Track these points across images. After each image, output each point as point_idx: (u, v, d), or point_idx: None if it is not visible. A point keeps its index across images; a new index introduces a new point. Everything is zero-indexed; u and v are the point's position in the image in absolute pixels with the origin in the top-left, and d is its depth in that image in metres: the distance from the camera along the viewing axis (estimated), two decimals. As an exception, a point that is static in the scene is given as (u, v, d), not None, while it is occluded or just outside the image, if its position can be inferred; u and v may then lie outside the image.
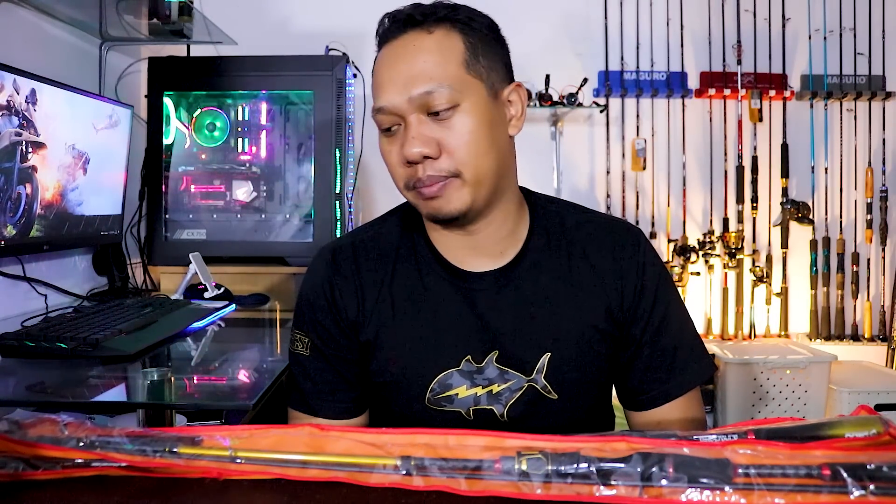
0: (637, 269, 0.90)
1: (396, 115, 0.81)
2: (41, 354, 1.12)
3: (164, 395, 1.01)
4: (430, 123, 0.79)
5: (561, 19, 2.68)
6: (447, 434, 0.55)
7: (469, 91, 0.80)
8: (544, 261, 0.89)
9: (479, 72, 0.81)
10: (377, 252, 0.92)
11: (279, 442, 0.56)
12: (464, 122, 0.79)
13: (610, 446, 0.52)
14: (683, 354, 0.91)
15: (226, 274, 1.86)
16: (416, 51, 0.80)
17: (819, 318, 2.75)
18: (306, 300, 0.93)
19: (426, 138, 0.79)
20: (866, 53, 2.71)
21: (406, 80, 0.79)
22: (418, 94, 0.78)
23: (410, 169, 0.81)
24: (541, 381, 0.87)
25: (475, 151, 0.80)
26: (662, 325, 0.90)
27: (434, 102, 0.78)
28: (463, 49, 0.80)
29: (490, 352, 0.87)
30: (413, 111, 0.79)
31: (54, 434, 0.57)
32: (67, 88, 1.58)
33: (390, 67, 0.81)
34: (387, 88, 0.80)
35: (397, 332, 0.88)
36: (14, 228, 1.42)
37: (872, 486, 0.46)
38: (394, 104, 0.80)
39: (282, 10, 2.58)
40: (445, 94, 0.78)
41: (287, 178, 2.01)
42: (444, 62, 0.79)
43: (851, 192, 2.76)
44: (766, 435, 0.54)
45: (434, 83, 0.78)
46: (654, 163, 2.74)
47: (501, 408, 0.87)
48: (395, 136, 0.82)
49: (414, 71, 0.79)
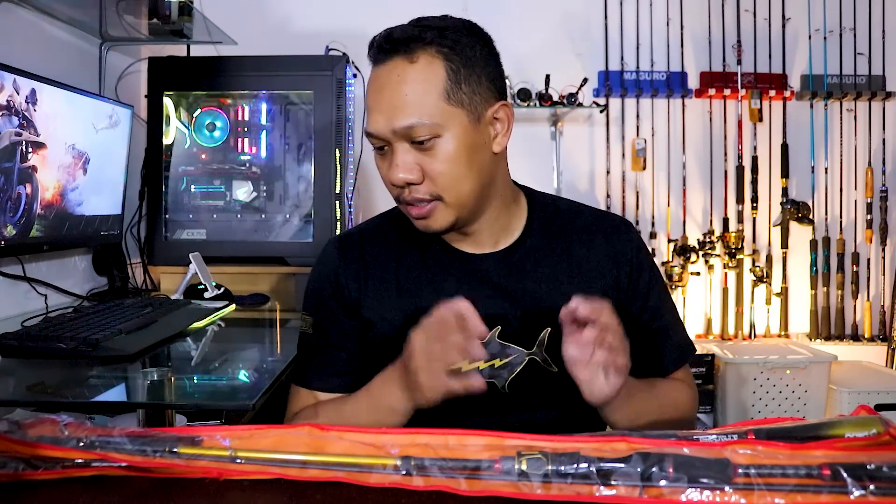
0: (630, 252, 0.97)
1: (383, 140, 0.86)
2: (41, 354, 1.12)
3: (164, 395, 1.01)
4: (412, 151, 0.85)
5: (561, 19, 2.68)
6: (447, 434, 0.55)
7: (450, 121, 0.84)
8: (543, 244, 0.95)
9: (460, 100, 0.84)
10: (383, 240, 0.98)
11: (279, 442, 0.56)
12: (444, 150, 0.84)
13: (610, 446, 0.52)
14: (674, 334, 0.99)
15: (226, 274, 1.86)
16: (399, 81, 0.83)
17: (819, 318, 2.75)
18: (314, 283, 0.99)
19: (409, 165, 0.84)
20: (866, 53, 2.71)
21: (390, 110, 0.83)
22: (401, 127, 0.83)
23: (397, 189, 0.87)
24: (541, 354, 0.92)
25: (455, 177, 0.85)
26: (655, 306, 0.97)
27: (415, 134, 0.83)
28: (444, 78, 0.83)
29: (492, 328, 0.91)
30: (397, 140, 0.84)
31: (54, 434, 0.57)
32: (67, 88, 1.58)
33: (377, 94, 0.85)
34: (373, 115, 0.85)
35: (399, 311, 0.93)
36: (14, 228, 1.42)
37: (872, 486, 0.46)
38: (379, 131, 0.85)
39: (282, 10, 2.58)
40: (426, 128, 0.83)
41: (287, 178, 2.01)
42: (425, 94, 0.83)
43: (851, 192, 2.76)
44: (766, 435, 0.54)
45: (415, 117, 0.82)
46: (654, 163, 2.74)
47: (503, 381, 0.93)
48: (385, 155, 0.88)
49: (396, 102, 0.83)
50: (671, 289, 2.70)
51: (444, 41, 0.84)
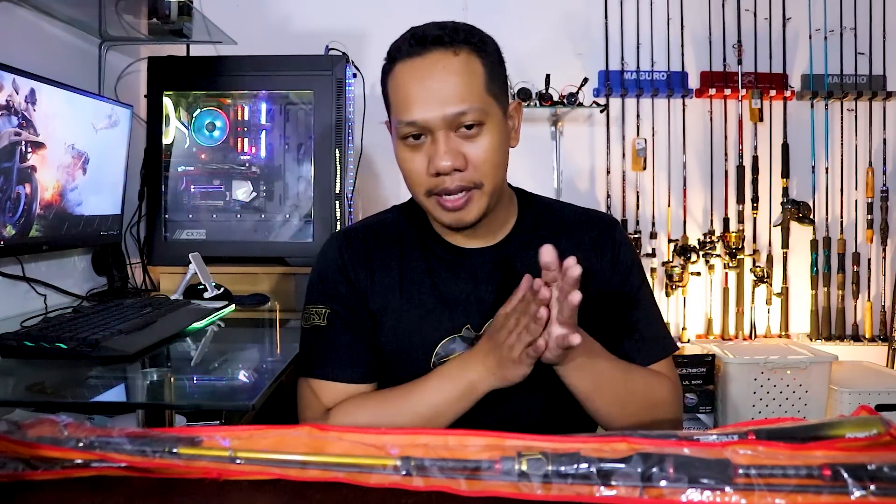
0: (614, 247, 1.01)
1: (427, 129, 0.88)
2: (41, 354, 1.12)
3: (164, 396, 1.01)
4: (456, 138, 0.88)
5: (561, 19, 2.68)
6: (447, 434, 0.55)
7: (491, 111, 0.89)
8: (533, 239, 0.97)
9: (495, 93, 0.90)
10: (385, 236, 1.01)
11: (279, 442, 0.56)
12: (487, 138, 0.89)
13: (610, 446, 0.52)
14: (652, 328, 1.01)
15: (226, 274, 1.86)
16: (445, 72, 0.87)
17: (819, 319, 2.75)
18: (322, 275, 1.00)
19: (455, 152, 0.88)
20: (867, 53, 2.71)
21: (439, 98, 0.86)
22: (452, 113, 0.86)
23: (436, 179, 0.89)
24: None
25: (495, 164, 0.90)
26: (634, 300, 1.00)
27: (465, 120, 0.87)
28: (483, 72, 0.89)
29: (488, 320, 0.93)
30: (443, 127, 0.87)
31: (54, 434, 0.56)
32: (67, 88, 1.58)
33: (420, 84, 0.87)
34: (418, 104, 0.87)
35: (403, 303, 0.96)
36: (13, 228, 1.42)
37: (873, 487, 0.46)
38: (426, 119, 0.87)
39: (282, 10, 2.58)
40: (475, 114, 0.87)
41: (287, 178, 2.01)
42: (472, 84, 0.87)
43: (852, 192, 2.76)
44: (767, 435, 0.54)
45: (466, 104, 0.86)
46: (655, 163, 2.74)
47: None
48: (419, 147, 0.90)
49: (446, 91, 0.86)
50: (671, 289, 2.70)
51: (475, 39, 0.89)
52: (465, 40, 0.88)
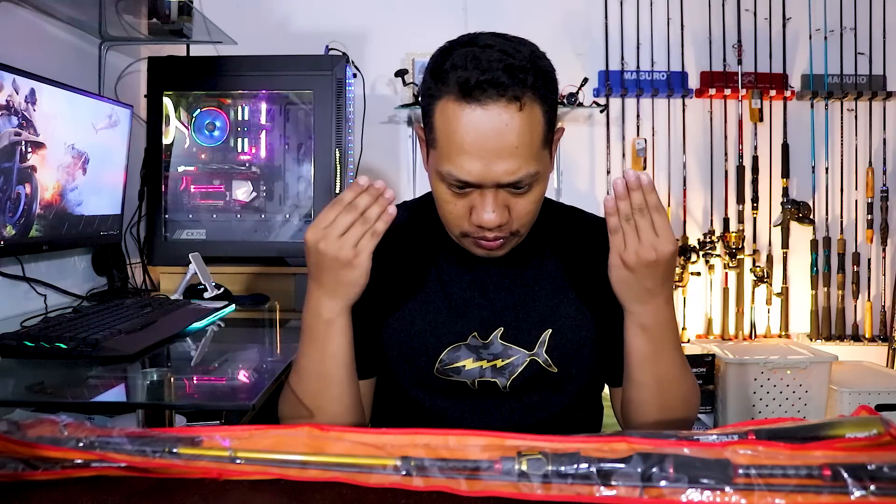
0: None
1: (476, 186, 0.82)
2: (40, 354, 1.12)
3: (164, 396, 1.01)
4: (505, 193, 0.83)
5: (561, 19, 2.68)
6: (447, 434, 0.55)
7: (544, 164, 0.84)
8: (543, 247, 0.97)
9: (550, 139, 0.85)
10: (397, 238, 0.97)
11: (279, 442, 0.56)
12: (535, 192, 0.84)
13: (610, 446, 0.52)
14: None
15: (226, 274, 1.86)
16: (506, 130, 0.79)
17: (819, 319, 2.75)
18: None
19: (502, 208, 0.83)
20: (867, 53, 2.71)
21: (496, 158, 0.79)
22: (507, 179, 0.80)
23: (476, 228, 0.84)
24: (542, 355, 0.93)
25: (536, 212, 0.87)
26: None
27: (519, 184, 0.81)
28: (543, 124, 0.82)
29: (495, 329, 0.93)
30: (493, 186, 0.81)
31: (54, 434, 0.57)
32: (67, 88, 1.58)
33: (476, 138, 0.79)
34: (471, 161, 0.80)
35: (412, 306, 0.95)
36: (13, 228, 1.41)
37: (873, 487, 0.46)
38: (479, 179, 0.80)
39: (282, 10, 2.58)
40: (530, 177, 0.81)
41: (287, 178, 2.01)
42: (532, 143, 0.80)
43: (852, 192, 2.76)
44: (767, 435, 0.54)
45: (523, 171, 0.80)
46: (655, 163, 2.74)
47: (504, 380, 0.93)
48: (463, 195, 0.84)
49: (504, 153, 0.79)
50: (671, 289, 2.69)
51: (539, 82, 0.80)
52: (531, 85, 0.79)
